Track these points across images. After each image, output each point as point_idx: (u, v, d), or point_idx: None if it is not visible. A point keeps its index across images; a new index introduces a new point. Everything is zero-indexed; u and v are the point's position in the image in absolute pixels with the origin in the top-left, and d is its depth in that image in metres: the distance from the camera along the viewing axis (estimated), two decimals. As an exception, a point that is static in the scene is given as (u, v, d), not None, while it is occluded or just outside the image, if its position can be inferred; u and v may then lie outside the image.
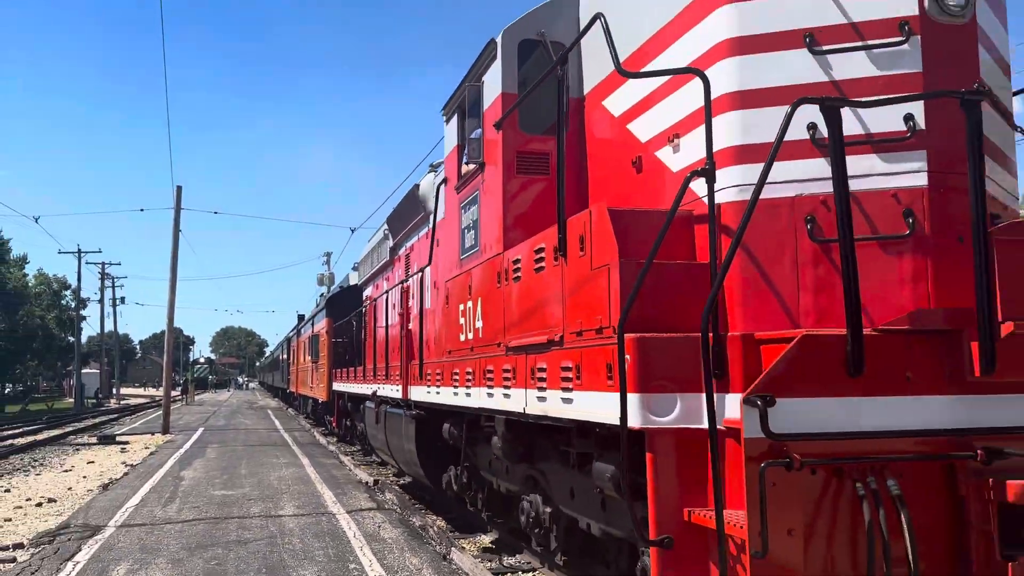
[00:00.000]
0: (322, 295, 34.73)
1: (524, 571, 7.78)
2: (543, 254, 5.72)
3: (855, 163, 4.41)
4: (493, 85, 7.15)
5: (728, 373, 4.13)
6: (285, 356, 46.56)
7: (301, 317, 41.73)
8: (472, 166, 7.61)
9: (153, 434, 26.15)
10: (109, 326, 67.39)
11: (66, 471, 16.97)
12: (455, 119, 8.39)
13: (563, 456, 6.12)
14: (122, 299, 67.75)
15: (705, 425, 3.95)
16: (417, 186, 12.47)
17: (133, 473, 15.76)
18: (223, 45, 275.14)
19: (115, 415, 40.78)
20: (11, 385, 77.49)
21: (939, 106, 4.35)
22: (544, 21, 6.93)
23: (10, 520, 11.15)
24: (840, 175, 3.88)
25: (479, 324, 7.36)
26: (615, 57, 4.74)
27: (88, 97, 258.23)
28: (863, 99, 4.21)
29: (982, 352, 3.78)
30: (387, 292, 13.80)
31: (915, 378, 3.90)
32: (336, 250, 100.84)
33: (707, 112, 4.41)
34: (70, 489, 14.03)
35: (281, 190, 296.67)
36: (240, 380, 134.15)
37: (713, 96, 4.71)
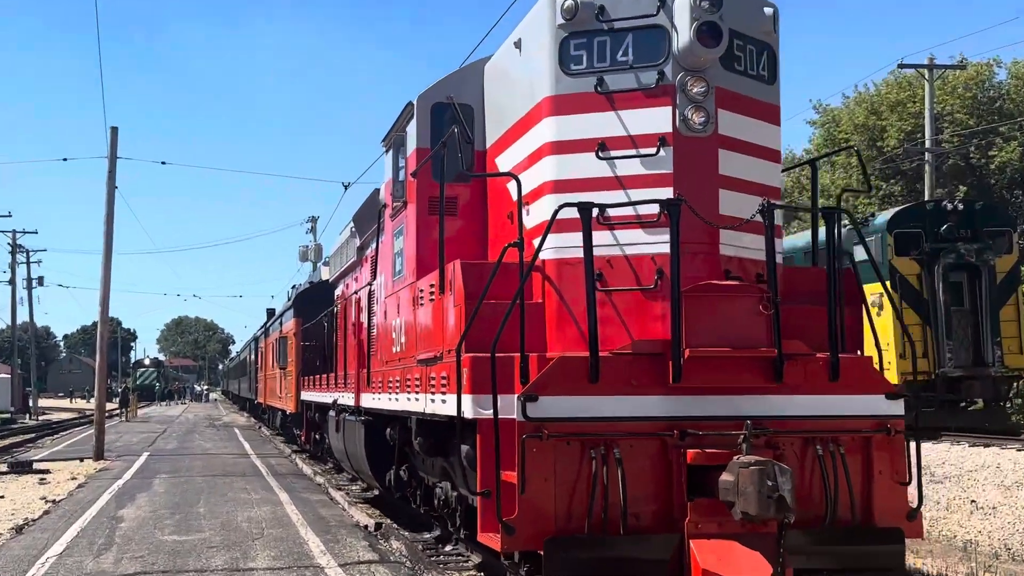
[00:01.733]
0: (294, 287, 38.80)
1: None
2: (434, 288, 10.08)
3: (628, 235, 8.76)
4: (412, 138, 11.52)
5: (530, 380, 8.42)
6: (253, 358, 50.81)
7: (272, 312, 45.87)
8: (399, 203, 12.02)
9: (82, 460, 26.89)
10: (23, 315, 71.10)
11: (-37, 510, 17.03)
12: (391, 153, 12.77)
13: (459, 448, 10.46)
14: (39, 280, 69.43)
15: (511, 416, 8.25)
16: (377, 190, 16.86)
17: (56, 512, 16.16)
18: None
19: (32, 434, 42.86)
20: None
21: (685, 196, 8.57)
22: (453, 87, 11.30)
23: None
24: (588, 250, 8.17)
25: (403, 339, 11.77)
26: (463, 162, 9.10)
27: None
28: (609, 202, 8.49)
29: (674, 368, 8.10)
30: (350, 297, 18.18)
31: (638, 384, 8.22)
32: (324, 213, 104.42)
33: (519, 204, 8.77)
34: (-32, 535, 14.10)
35: (251, 133, 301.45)
36: (198, 388, 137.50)
37: (541, 181, 9.11)
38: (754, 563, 7.73)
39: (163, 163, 51.98)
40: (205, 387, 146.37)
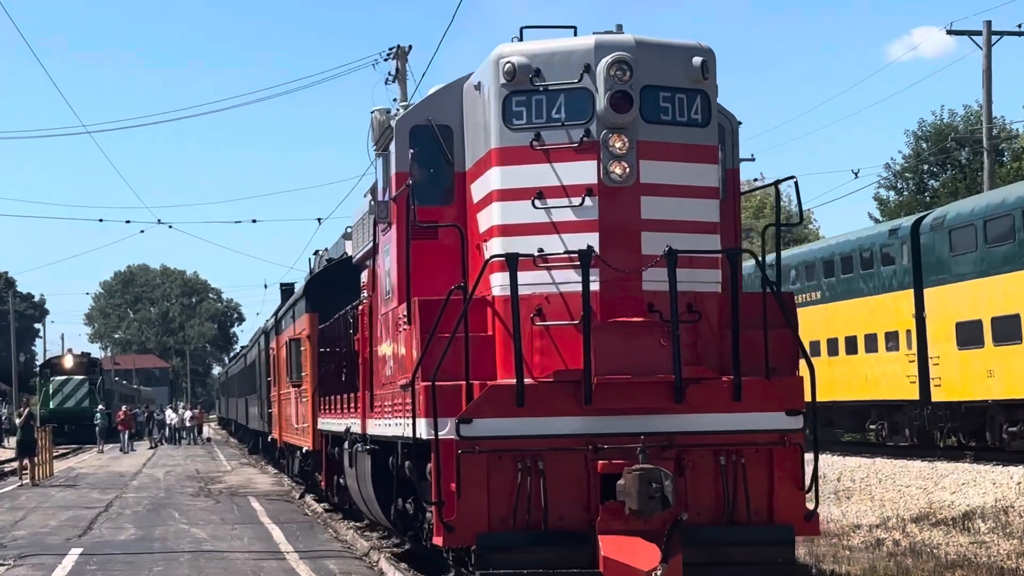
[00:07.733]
0: (316, 253, 39.12)
1: None
2: (406, 317, 16.71)
3: (562, 275, 15.45)
4: (392, 161, 18.14)
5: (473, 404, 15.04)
6: (264, 361, 48.13)
7: (288, 291, 45.05)
8: (384, 223, 18.70)
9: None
10: None
11: None
12: (381, 162, 19.42)
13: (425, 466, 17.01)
14: None
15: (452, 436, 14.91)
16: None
17: None
18: None
19: None
20: None
21: (609, 240, 15.05)
22: (432, 108, 17.97)
23: None
24: (514, 291, 14.79)
25: (391, 362, 18.49)
26: (415, 217, 15.71)
27: None
28: (540, 254, 15.05)
29: (586, 393, 14.69)
30: (364, 300, 24.55)
31: (560, 407, 14.87)
32: (421, 41, 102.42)
33: (464, 254, 15.41)
34: None
35: None
36: (172, 415, 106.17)
37: (490, 224, 15.87)
38: (648, 552, 14.22)
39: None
40: (188, 411, 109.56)
